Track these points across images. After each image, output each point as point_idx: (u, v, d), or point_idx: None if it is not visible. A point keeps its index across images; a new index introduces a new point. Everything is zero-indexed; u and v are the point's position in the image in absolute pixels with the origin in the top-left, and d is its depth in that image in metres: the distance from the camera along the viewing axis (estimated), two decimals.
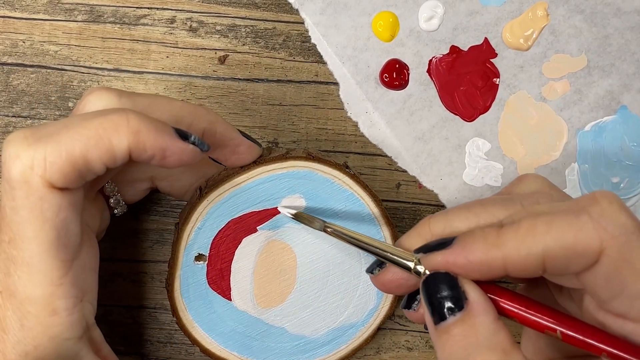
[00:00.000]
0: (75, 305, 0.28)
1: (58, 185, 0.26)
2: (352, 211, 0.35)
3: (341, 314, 0.36)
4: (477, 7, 0.38)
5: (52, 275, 0.26)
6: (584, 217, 0.23)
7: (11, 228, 0.26)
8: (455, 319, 0.24)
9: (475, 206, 0.27)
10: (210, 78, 0.39)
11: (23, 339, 0.27)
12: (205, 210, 0.34)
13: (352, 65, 0.38)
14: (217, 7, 0.39)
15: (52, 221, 0.26)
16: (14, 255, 0.26)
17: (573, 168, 0.38)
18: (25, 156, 0.25)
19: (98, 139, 0.25)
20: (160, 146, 0.27)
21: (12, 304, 0.27)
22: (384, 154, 0.39)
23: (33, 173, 0.25)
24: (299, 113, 0.39)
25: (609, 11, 0.38)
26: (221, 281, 0.35)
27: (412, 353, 0.38)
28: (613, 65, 0.38)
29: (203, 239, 0.34)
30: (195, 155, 0.28)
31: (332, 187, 0.35)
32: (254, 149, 0.33)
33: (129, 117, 0.26)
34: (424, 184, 0.39)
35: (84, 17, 0.39)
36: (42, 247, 0.26)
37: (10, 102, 0.39)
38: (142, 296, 0.38)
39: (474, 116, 0.38)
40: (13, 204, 0.25)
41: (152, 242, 0.39)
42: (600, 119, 0.38)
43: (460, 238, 0.26)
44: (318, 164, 0.34)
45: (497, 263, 0.24)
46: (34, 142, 0.25)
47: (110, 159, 0.26)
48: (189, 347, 0.38)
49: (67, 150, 0.25)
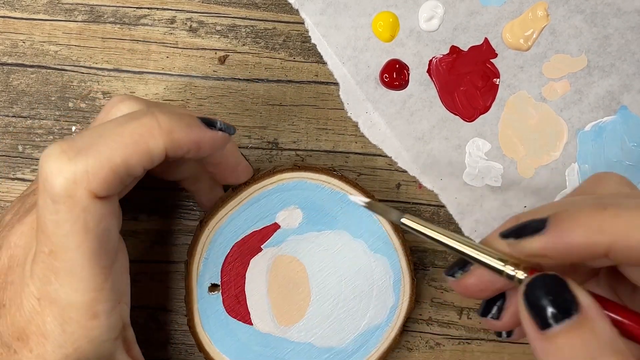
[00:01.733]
0: (114, 308, 0.28)
1: (102, 195, 0.26)
2: (349, 212, 0.35)
3: (363, 317, 0.36)
4: (477, 7, 0.38)
5: (94, 282, 0.27)
6: None
7: (52, 241, 0.26)
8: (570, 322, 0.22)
9: (562, 205, 0.25)
10: (210, 78, 0.39)
11: (64, 343, 0.27)
12: (207, 239, 0.34)
13: (352, 65, 0.38)
14: (217, 7, 0.39)
15: (94, 231, 0.26)
16: (56, 266, 0.27)
17: (573, 168, 0.38)
18: (67, 171, 0.25)
19: (135, 145, 0.26)
20: (194, 140, 0.28)
21: (53, 310, 0.27)
22: (384, 154, 0.39)
23: (77, 186, 0.25)
24: (299, 113, 0.39)
25: (609, 11, 0.38)
26: (239, 307, 0.35)
27: (412, 353, 0.38)
28: (613, 65, 0.38)
29: (212, 268, 0.35)
30: (225, 140, 0.30)
31: (323, 192, 0.35)
32: (249, 170, 0.35)
33: (158, 119, 0.27)
34: (424, 184, 0.39)
35: (84, 17, 0.39)
36: (85, 257, 0.26)
37: (10, 102, 0.39)
38: (142, 296, 0.38)
39: (474, 116, 0.38)
40: (56, 217, 0.26)
41: (152, 242, 0.38)
42: (600, 119, 0.38)
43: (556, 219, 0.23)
44: (305, 172, 0.35)
45: (600, 249, 0.22)
46: (74, 156, 0.26)
47: (149, 161, 0.27)
48: (189, 347, 0.38)
49: (108, 160, 0.26)
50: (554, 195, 0.38)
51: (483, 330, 0.39)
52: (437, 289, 0.39)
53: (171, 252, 0.38)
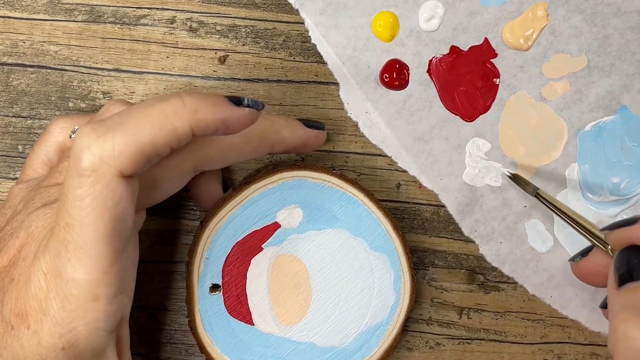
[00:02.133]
0: (115, 296, 0.28)
1: (126, 172, 0.27)
2: (349, 210, 0.35)
3: (364, 315, 0.35)
4: (477, 7, 0.38)
5: (102, 262, 0.27)
6: None
7: (70, 214, 0.27)
8: None
9: None
10: (210, 78, 0.39)
11: (61, 321, 0.28)
12: (209, 239, 0.34)
13: (352, 65, 0.38)
14: (217, 7, 0.39)
15: (112, 210, 0.27)
16: (68, 240, 0.27)
17: (573, 168, 0.38)
18: (95, 147, 0.26)
19: (161, 124, 0.27)
20: (221, 118, 0.28)
21: (57, 284, 0.27)
22: (384, 154, 0.39)
23: (102, 162, 0.26)
24: (299, 113, 0.39)
25: (609, 11, 0.38)
26: (240, 307, 0.35)
27: (412, 353, 0.38)
28: (613, 65, 0.38)
29: (213, 268, 0.35)
30: (254, 117, 0.30)
31: (323, 191, 0.35)
32: (320, 136, 0.36)
33: (184, 99, 0.28)
34: (424, 184, 0.39)
35: (84, 17, 0.39)
36: (98, 234, 0.27)
37: (10, 102, 0.39)
38: (142, 296, 0.38)
39: (474, 116, 0.38)
40: (79, 191, 0.27)
41: (152, 242, 0.38)
42: (600, 119, 0.38)
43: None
44: (305, 170, 0.35)
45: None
46: (103, 134, 0.26)
47: (175, 140, 0.28)
48: (189, 347, 0.38)
49: (134, 138, 0.27)
50: (554, 194, 0.38)
51: (483, 330, 0.39)
52: (437, 289, 0.39)
53: (171, 252, 0.38)
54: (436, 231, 0.39)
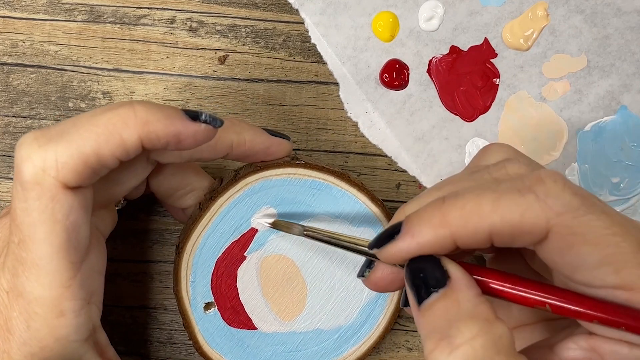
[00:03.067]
0: (82, 308, 0.28)
1: (71, 185, 0.26)
2: (323, 196, 0.35)
3: (362, 289, 0.35)
4: (477, 7, 0.38)
5: (61, 277, 0.26)
6: (530, 197, 0.24)
7: (21, 230, 0.26)
8: (437, 295, 0.24)
9: (445, 184, 0.27)
10: (210, 78, 0.39)
11: (29, 340, 0.27)
12: (189, 263, 0.34)
13: (352, 65, 0.38)
14: (217, 7, 0.39)
15: (62, 223, 0.26)
16: (23, 257, 0.26)
17: (573, 168, 0.38)
18: (37, 157, 0.25)
19: (108, 134, 0.26)
20: (173, 132, 0.27)
21: (19, 304, 0.27)
22: (384, 154, 0.39)
23: (45, 174, 0.25)
24: (299, 113, 0.39)
25: (609, 11, 0.38)
26: (239, 316, 0.35)
27: (412, 353, 0.38)
28: (613, 65, 0.38)
29: (201, 289, 0.35)
30: (209, 134, 0.28)
31: (291, 184, 0.34)
32: (284, 145, 0.33)
33: (135, 109, 0.26)
34: (424, 184, 0.39)
35: (84, 17, 0.39)
36: (52, 249, 0.26)
37: (10, 102, 0.39)
38: (142, 296, 0.38)
39: (474, 116, 0.38)
40: (24, 205, 0.25)
41: (152, 242, 0.39)
42: (600, 119, 0.38)
43: (407, 223, 0.25)
44: (267, 170, 0.34)
45: (446, 241, 0.25)
46: (45, 143, 0.25)
47: (123, 152, 0.26)
48: (189, 347, 0.38)
49: (78, 149, 0.25)
50: None
51: None
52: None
53: (171, 252, 0.38)
54: None
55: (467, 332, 0.23)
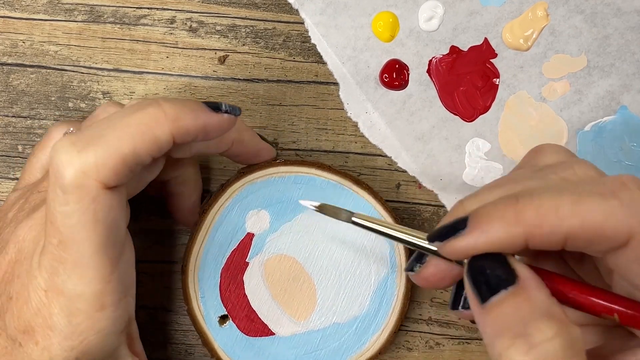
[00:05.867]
0: (120, 300, 0.29)
1: (111, 184, 0.27)
2: (309, 189, 0.36)
3: (369, 275, 0.36)
4: (477, 7, 0.38)
5: (102, 273, 0.27)
6: (613, 202, 0.23)
7: (61, 232, 0.27)
8: (506, 293, 0.23)
9: (506, 182, 0.26)
10: (210, 78, 0.39)
11: (70, 335, 0.28)
12: (195, 280, 0.35)
13: (352, 65, 0.38)
14: (217, 7, 0.39)
15: (103, 222, 0.27)
16: (63, 257, 0.27)
17: None
18: (77, 162, 0.26)
19: (142, 134, 0.27)
20: (201, 125, 0.28)
21: (60, 302, 0.27)
22: (384, 154, 0.39)
23: (86, 177, 0.26)
24: (299, 113, 0.39)
25: (609, 11, 0.38)
26: (254, 325, 0.35)
27: (412, 353, 0.38)
28: (613, 65, 0.38)
29: (212, 302, 0.35)
30: (232, 122, 0.30)
31: (276, 184, 0.35)
32: (271, 151, 0.36)
33: (163, 107, 0.27)
34: (424, 184, 0.39)
35: (84, 17, 0.39)
36: (94, 248, 0.27)
37: (10, 102, 0.39)
38: (142, 296, 0.38)
39: (474, 116, 0.38)
40: (65, 208, 0.26)
41: (151, 242, 0.39)
42: (600, 119, 0.38)
43: (475, 218, 0.24)
44: (251, 174, 0.35)
45: (519, 240, 0.24)
46: (83, 148, 0.26)
47: (157, 149, 0.27)
48: (189, 347, 0.38)
49: (116, 150, 0.26)
50: None
51: None
52: (437, 289, 0.39)
53: (171, 252, 0.38)
54: None
55: (547, 331, 0.22)
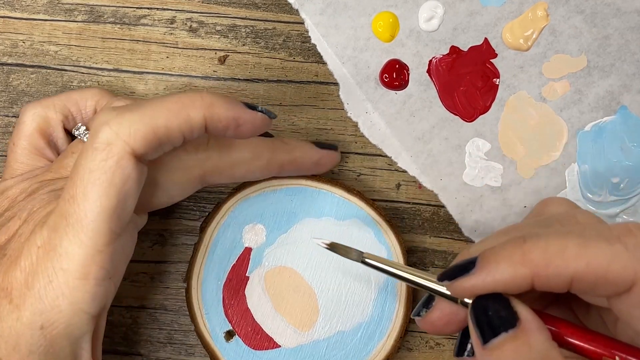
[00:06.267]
0: (104, 279, 0.28)
1: (139, 152, 0.28)
2: (301, 199, 0.36)
3: (369, 280, 0.36)
4: (477, 7, 0.38)
5: (98, 240, 0.27)
6: (618, 247, 0.23)
7: (77, 185, 0.27)
8: (507, 335, 0.24)
9: (512, 230, 0.27)
10: (210, 78, 0.39)
11: (44, 296, 0.27)
12: (199, 298, 0.35)
13: (352, 65, 0.38)
14: (217, 7, 0.39)
15: (118, 187, 0.27)
16: (70, 212, 0.27)
17: (573, 168, 0.38)
18: (114, 123, 0.27)
19: (178, 111, 0.28)
20: (233, 116, 0.29)
21: (49, 258, 0.27)
22: (384, 154, 0.39)
23: (118, 137, 0.27)
24: (299, 113, 0.39)
25: (609, 11, 0.38)
26: (260, 337, 0.36)
27: (412, 353, 0.38)
28: (613, 65, 0.38)
29: (217, 319, 0.36)
30: (265, 123, 0.31)
31: (268, 197, 0.36)
32: (333, 155, 0.36)
33: (202, 94, 0.29)
34: (424, 184, 0.39)
35: (84, 17, 0.39)
36: (100, 209, 0.27)
37: (10, 102, 0.39)
38: (142, 296, 0.38)
39: (474, 116, 0.38)
40: (91, 164, 0.27)
41: (152, 242, 0.39)
42: (600, 119, 0.38)
43: (483, 258, 0.25)
44: (243, 190, 0.36)
45: (525, 280, 0.24)
46: (122, 113, 0.28)
47: (189, 129, 0.29)
48: (189, 347, 0.38)
49: (151, 120, 0.28)
50: (554, 195, 0.38)
51: None
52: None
53: (171, 252, 0.38)
54: (436, 231, 0.39)
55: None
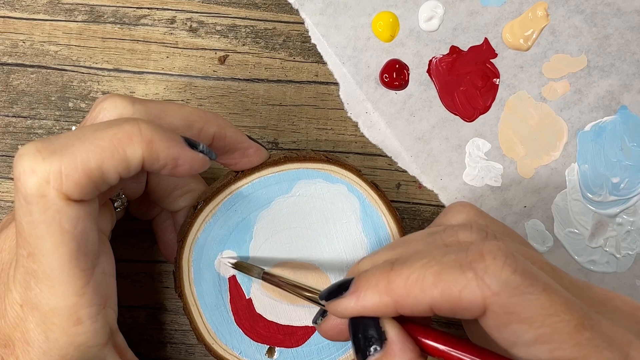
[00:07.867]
0: (98, 313, 0.28)
1: (74, 198, 0.25)
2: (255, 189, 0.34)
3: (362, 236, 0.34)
4: (477, 7, 0.38)
5: (75, 286, 0.26)
6: (469, 274, 0.24)
7: (29, 242, 0.26)
8: (377, 355, 0.26)
9: (400, 244, 0.28)
10: (210, 78, 0.39)
11: (49, 350, 0.27)
12: (223, 347, 0.34)
13: (352, 65, 0.38)
14: (217, 7, 0.39)
15: (71, 233, 0.26)
16: (34, 269, 0.26)
17: (573, 168, 0.38)
18: (41, 170, 0.25)
19: (113, 149, 0.25)
20: (173, 155, 0.27)
21: (35, 316, 0.27)
22: (384, 154, 0.39)
23: (49, 187, 0.25)
24: (299, 113, 0.39)
25: (609, 11, 0.38)
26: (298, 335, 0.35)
27: None
28: (613, 65, 0.38)
29: (251, 350, 0.34)
30: (205, 164, 0.28)
31: (218, 219, 0.34)
32: (262, 152, 0.33)
33: (141, 127, 0.26)
34: (424, 184, 0.39)
35: (84, 17, 0.39)
36: (63, 259, 0.26)
37: (10, 102, 0.39)
38: (142, 296, 0.38)
39: (474, 116, 0.38)
40: (30, 218, 0.25)
41: (152, 242, 0.39)
42: (600, 119, 0.38)
43: (355, 283, 0.26)
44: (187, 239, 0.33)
45: (389, 308, 0.26)
46: (49, 156, 0.25)
47: (125, 169, 0.26)
48: (189, 347, 0.38)
49: (82, 163, 0.25)
50: (554, 195, 0.38)
51: None
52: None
53: None
54: None
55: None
